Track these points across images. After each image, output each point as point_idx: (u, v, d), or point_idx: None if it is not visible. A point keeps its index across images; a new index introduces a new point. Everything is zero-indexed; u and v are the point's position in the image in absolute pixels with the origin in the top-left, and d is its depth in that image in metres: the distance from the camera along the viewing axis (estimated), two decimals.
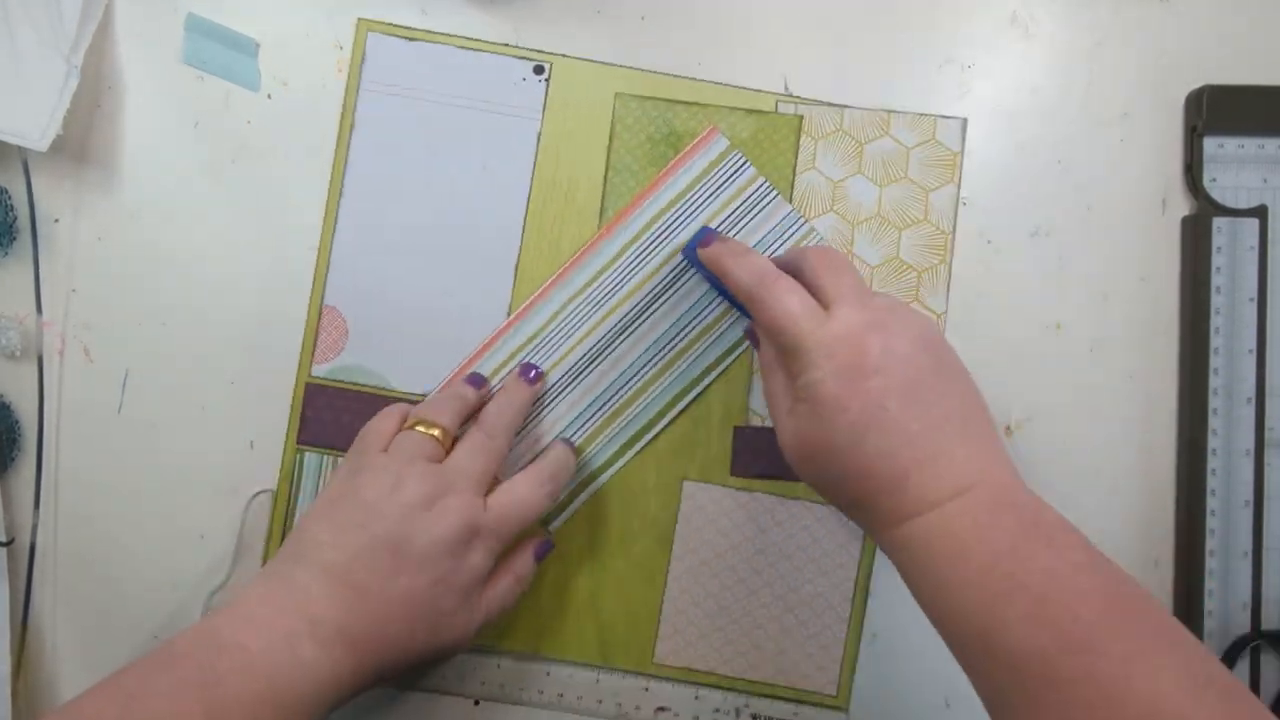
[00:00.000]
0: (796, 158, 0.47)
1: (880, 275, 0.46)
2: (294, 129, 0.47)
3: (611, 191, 0.47)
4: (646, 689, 0.47)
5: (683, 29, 0.47)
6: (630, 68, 0.47)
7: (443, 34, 0.47)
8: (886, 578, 0.46)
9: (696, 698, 0.47)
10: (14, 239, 0.46)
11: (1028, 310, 0.47)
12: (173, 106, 0.47)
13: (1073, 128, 0.46)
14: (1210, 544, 0.45)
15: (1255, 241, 0.45)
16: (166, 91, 0.47)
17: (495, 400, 0.45)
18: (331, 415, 0.47)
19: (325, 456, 0.47)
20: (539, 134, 0.47)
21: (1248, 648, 0.45)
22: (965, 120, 0.47)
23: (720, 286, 0.44)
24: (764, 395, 0.41)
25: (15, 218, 0.46)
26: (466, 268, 0.47)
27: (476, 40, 0.47)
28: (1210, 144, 0.46)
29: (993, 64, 0.47)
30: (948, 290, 0.47)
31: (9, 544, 0.46)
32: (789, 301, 0.38)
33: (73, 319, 0.47)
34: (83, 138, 0.46)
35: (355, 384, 0.47)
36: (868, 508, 0.36)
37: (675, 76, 0.47)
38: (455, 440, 0.43)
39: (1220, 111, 0.45)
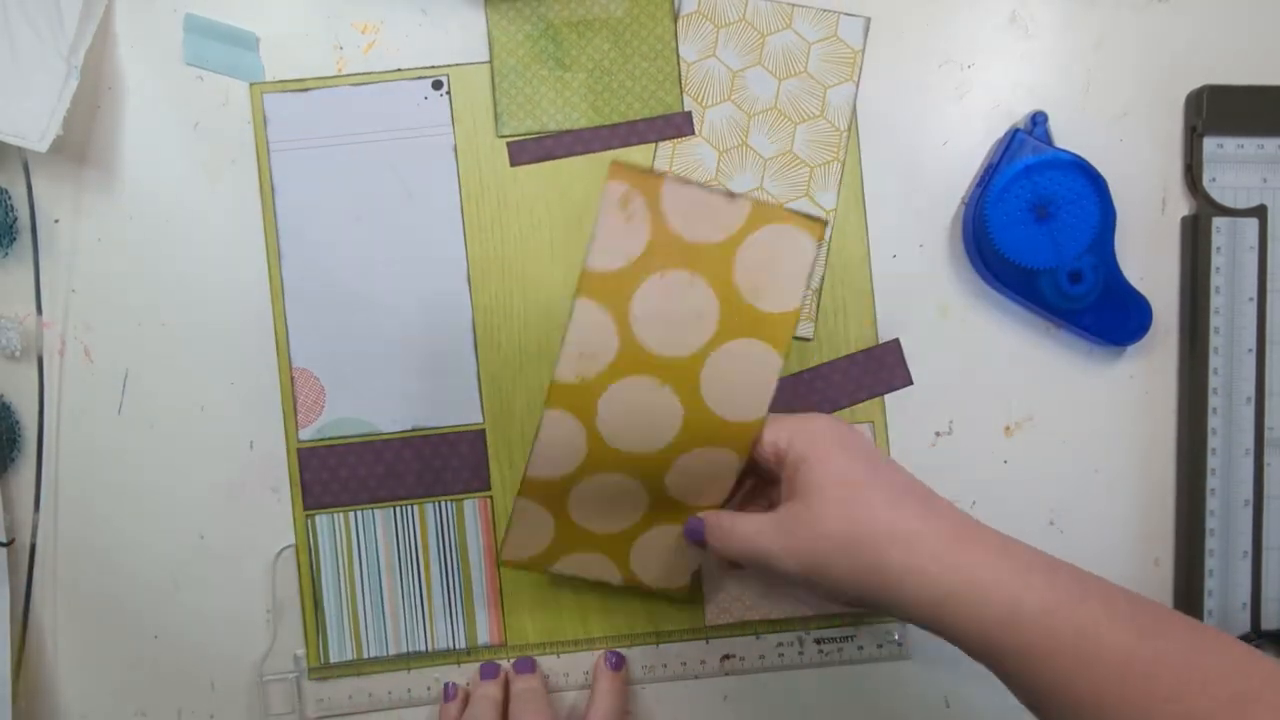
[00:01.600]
0: (675, 27, 0.46)
1: (773, 169, 0.47)
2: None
3: (503, 96, 0.46)
4: (706, 642, 0.47)
5: None
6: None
7: (333, 76, 0.47)
8: None
9: (757, 637, 0.47)
10: (14, 239, 0.46)
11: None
12: (173, 106, 0.47)
13: (1072, 128, 0.46)
14: (1210, 544, 0.45)
15: (1255, 241, 0.45)
16: (166, 91, 0.47)
17: (516, 703, 0.45)
18: (329, 474, 0.47)
19: (335, 516, 0.47)
20: (454, 146, 0.47)
21: None
22: (869, 19, 0.47)
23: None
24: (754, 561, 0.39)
25: (15, 218, 0.46)
26: (421, 293, 0.47)
27: (369, 73, 0.47)
28: (1210, 144, 0.46)
29: (993, 64, 0.47)
30: (839, 187, 0.47)
31: (9, 544, 0.46)
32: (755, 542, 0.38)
33: (73, 319, 0.47)
34: (83, 138, 0.46)
35: (344, 437, 0.47)
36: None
37: None
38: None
39: (1220, 111, 0.45)
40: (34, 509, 0.46)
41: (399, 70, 0.47)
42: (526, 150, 0.46)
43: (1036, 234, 0.44)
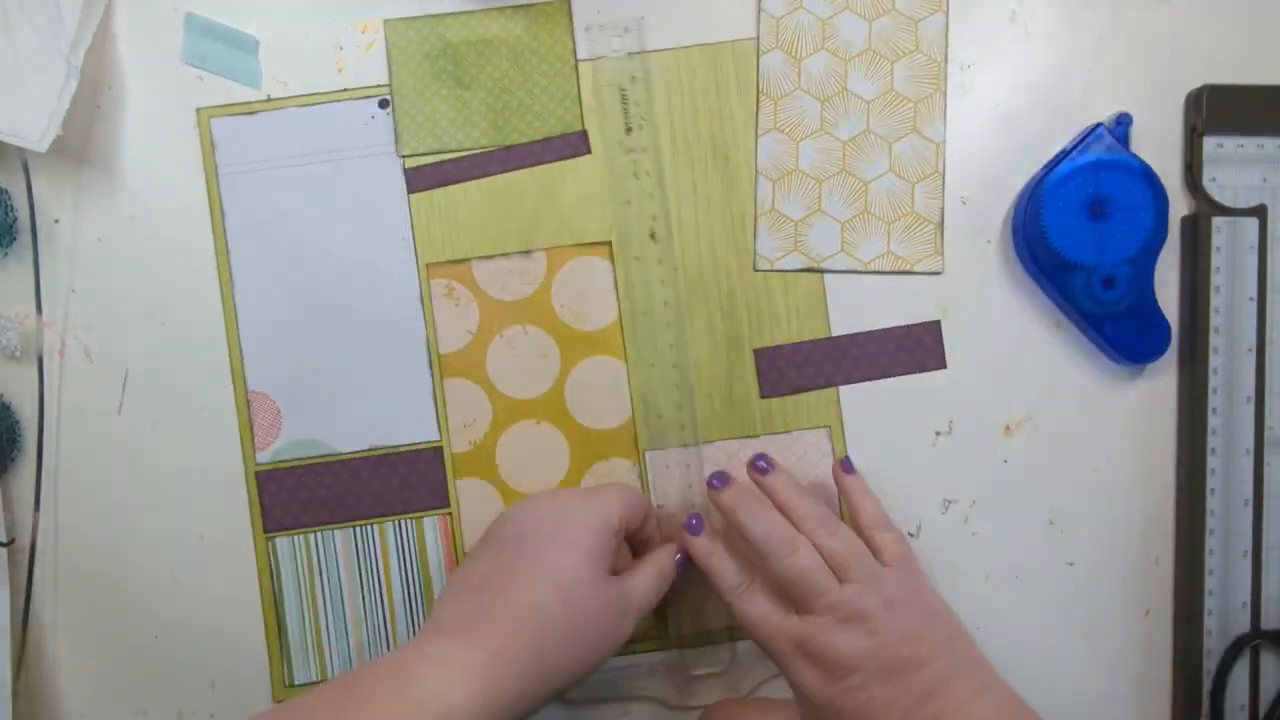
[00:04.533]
0: (574, 44, 0.46)
1: (876, 109, 0.46)
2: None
3: (402, 116, 0.46)
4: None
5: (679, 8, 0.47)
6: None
7: (280, 98, 0.46)
8: None
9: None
10: (14, 239, 0.46)
11: (1028, 310, 0.47)
12: (173, 106, 0.47)
13: (1072, 127, 0.46)
14: (1210, 543, 0.45)
15: (1255, 241, 0.45)
16: (166, 91, 0.47)
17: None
18: (288, 496, 0.47)
19: (296, 538, 0.47)
20: (403, 165, 0.47)
21: (1247, 647, 0.45)
22: None
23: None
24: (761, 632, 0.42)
25: (15, 218, 0.46)
26: (375, 311, 0.47)
27: (315, 94, 0.46)
28: (1210, 143, 0.46)
29: (993, 64, 0.47)
30: (944, 119, 0.47)
31: (9, 544, 0.46)
32: (805, 562, 0.41)
33: (73, 319, 0.47)
34: (83, 138, 0.46)
35: (302, 459, 0.47)
36: None
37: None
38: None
39: (1220, 111, 0.45)
40: (34, 509, 0.46)
41: (345, 90, 0.47)
42: (423, 176, 0.46)
43: (1086, 229, 0.44)
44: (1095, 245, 0.44)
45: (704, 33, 0.47)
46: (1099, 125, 0.45)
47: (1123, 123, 0.45)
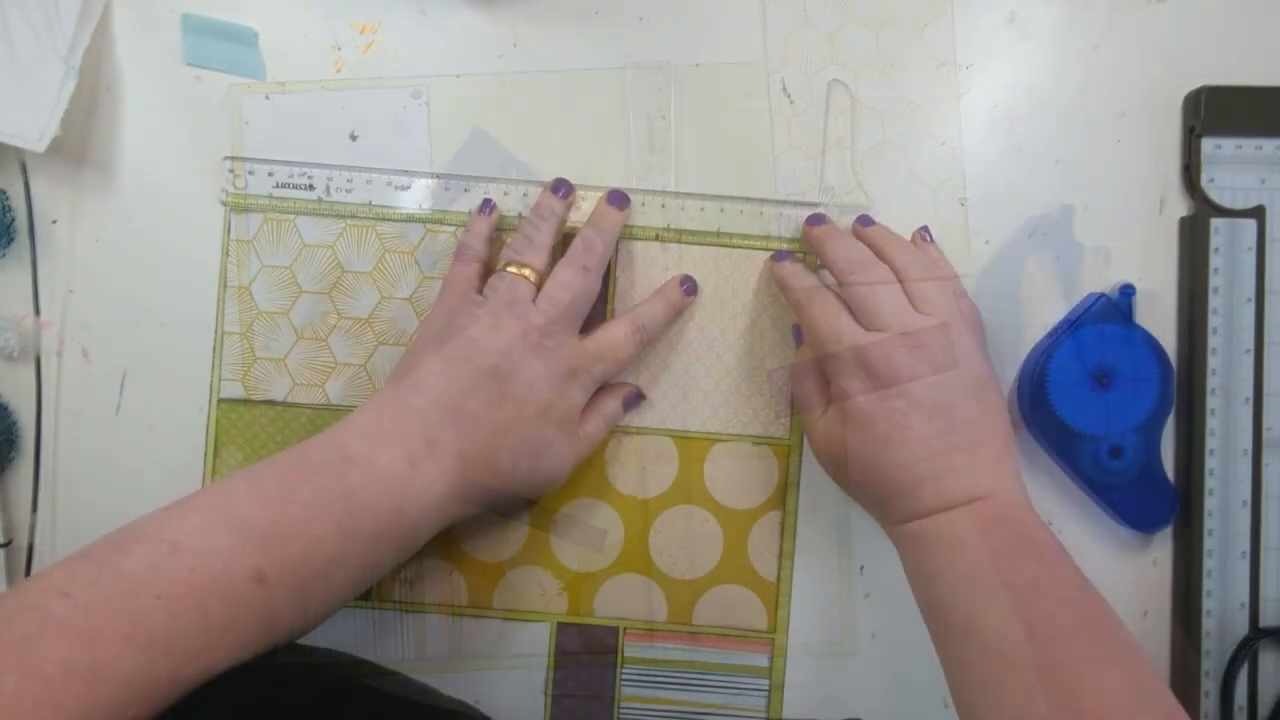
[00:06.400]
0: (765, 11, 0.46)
1: (890, 119, 0.47)
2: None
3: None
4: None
5: (681, 24, 0.47)
6: (506, 73, 0.47)
7: (313, 81, 0.46)
8: (886, 578, 0.47)
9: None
10: (12, 240, 0.46)
11: (1026, 311, 0.47)
12: (171, 106, 0.47)
13: (1070, 128, 0.46)
14: (1208, 544, 0.45)
15: (1253, 242, 0.45)
16: (165, 91, 0.47)
17: (585, 230, 0.44)
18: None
19: None
20: (430, 156, 0.47)
21: (1247, 647, 0.45)
22: None
23: None
24: (796, 394, 0.45)
25: (13, 219, 0.46)
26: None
27: (348, 80, 0.47)
28: (1208, 144, 0.46)
29: (991, 64, 0.47)
30: (959, 122, 0.47)
31: (7, 545, 0.46)
32: (887, 283, 0.41)
33: (71, 320, 0.47)
34: (81, 139, 0.46)
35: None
36: (882, 506, 0.40)
37: (555, 72, 0.47)
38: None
39: (1218, 112, 0.45)
40: (31, 510, 0.46)
41: (379, 79, 0.47)
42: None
43: (1091, 399, 0.44)
44: (1101, 415, 0.44)
45: (721, 55, 0.47)
46: (1103, 295, 0.45)
47: (1127, 294, 0.45)
